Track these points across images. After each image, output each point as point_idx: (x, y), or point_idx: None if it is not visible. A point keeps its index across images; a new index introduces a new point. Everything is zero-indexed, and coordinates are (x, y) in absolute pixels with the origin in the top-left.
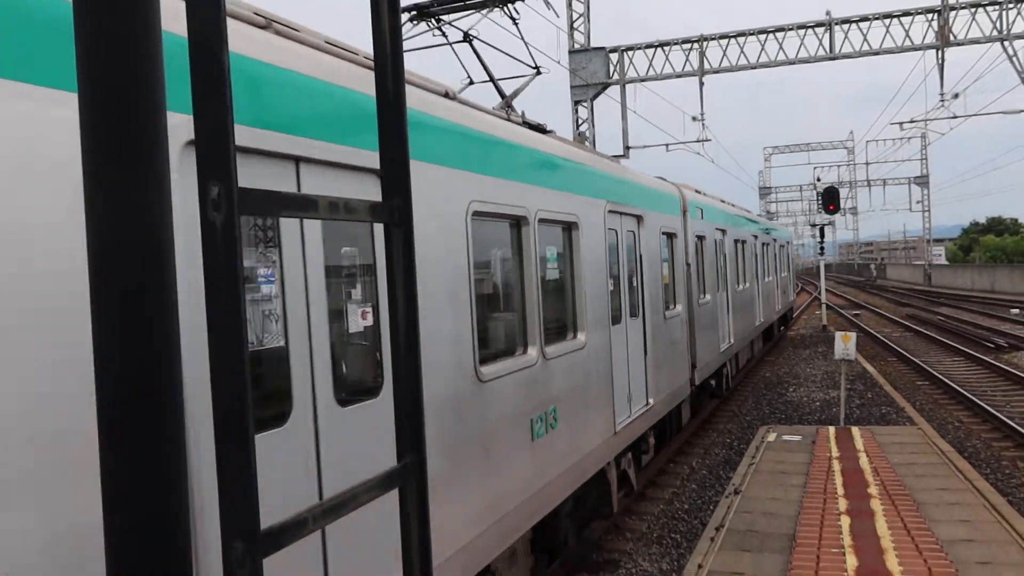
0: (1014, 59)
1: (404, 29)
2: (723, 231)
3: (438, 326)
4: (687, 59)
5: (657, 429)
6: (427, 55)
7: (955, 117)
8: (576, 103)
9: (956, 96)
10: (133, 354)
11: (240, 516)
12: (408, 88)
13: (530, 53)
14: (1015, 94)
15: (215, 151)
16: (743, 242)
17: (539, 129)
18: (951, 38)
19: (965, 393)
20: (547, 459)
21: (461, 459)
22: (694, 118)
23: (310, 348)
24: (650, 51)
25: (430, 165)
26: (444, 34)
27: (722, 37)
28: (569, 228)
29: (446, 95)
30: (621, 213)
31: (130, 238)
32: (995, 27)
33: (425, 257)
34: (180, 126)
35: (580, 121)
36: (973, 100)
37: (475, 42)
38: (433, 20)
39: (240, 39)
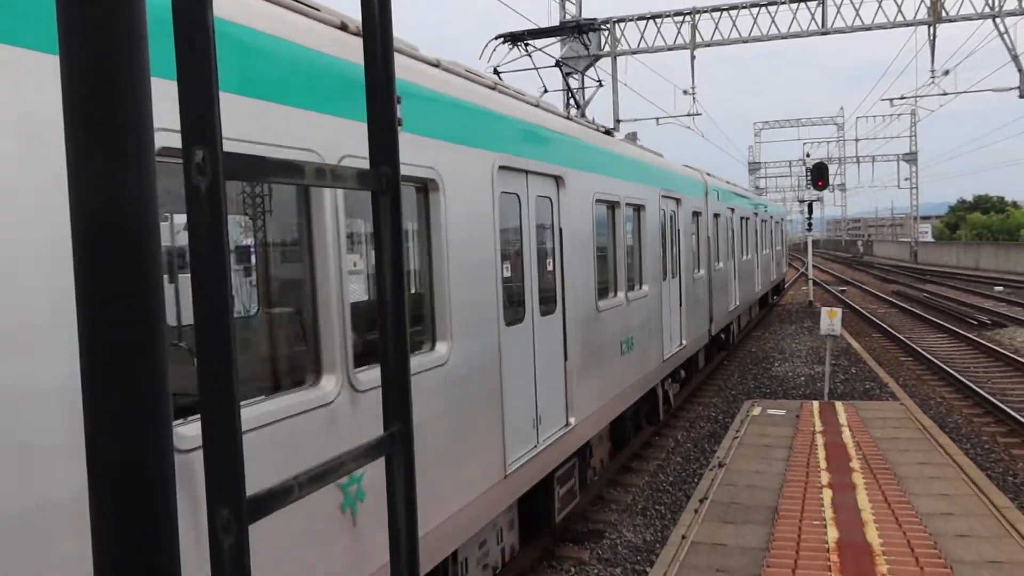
0: (1005, 36)
1: (500, 53)
2: (732, 209)
3: (580, 273)
4: (679, 32)
5: (685, 366)
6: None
7: (945, 94)
8: (566, 75)
9: (947, 73)
10: (119, 341)
11: (226, 482)
12: (564, 122)
13: (596, 72)
14: (1005, 72)
15: (199, 115)
16: (746, 219)
17: (607, 132)
18: (943, 14)
19: (948, 369)
20: (627, 371)
21: (587, 359)
22: (685, 91)
23: (532, 283)
24: (642, 23)
25: (579, 171)
26: (530, 55)
27: (715, 10)
28: (639, 209)
29: (568, 117)
30: (668, 197)
31: (115, 221)
32: (987, 4)
33: (575, 230)
34: (495, 156)
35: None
36: (963, 77)
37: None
38: (522, 46)
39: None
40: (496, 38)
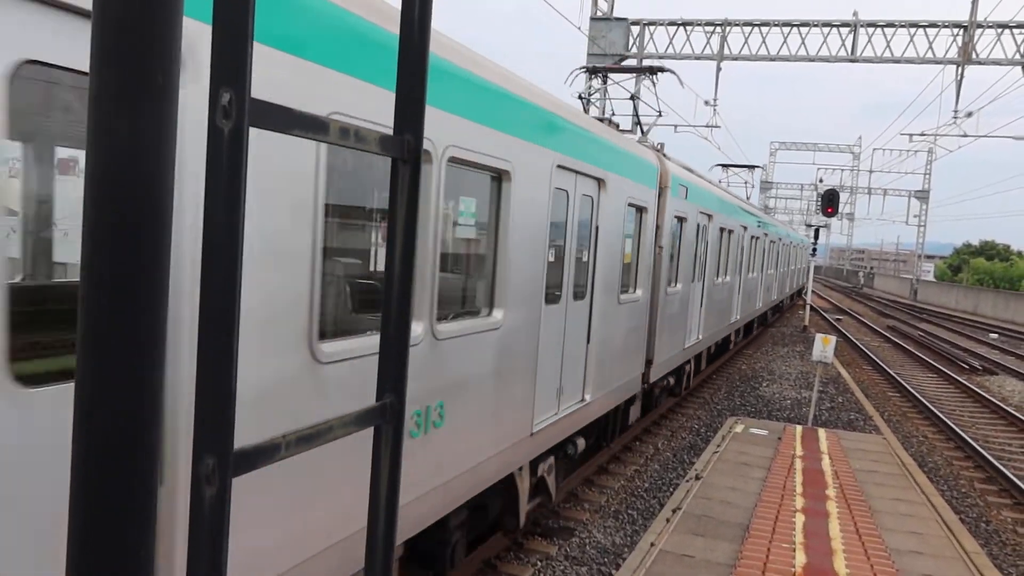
0: None
1: (581, 82)
2: (790, 241)
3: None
4: (708, 42)
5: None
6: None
7: (965, 136)
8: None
9: (970, 115)
10: (120, 283)
11: (215, 432)
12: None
13: (658, 103)
14: None
15: (230, 55)
16: (794, 245)
17: (660, 149)
18: (973, 56)
19: (934, 409)
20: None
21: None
22: (706, 102)
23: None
24: (671, 28)
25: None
26: (606, 88)
27: (746, 24)
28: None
29: (615, 125)
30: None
31: (131, 169)
32: (1018, 50)
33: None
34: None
35: (593, 91)
36: (985, 122)
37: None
38: (601, 77)
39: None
40: (580, 68)
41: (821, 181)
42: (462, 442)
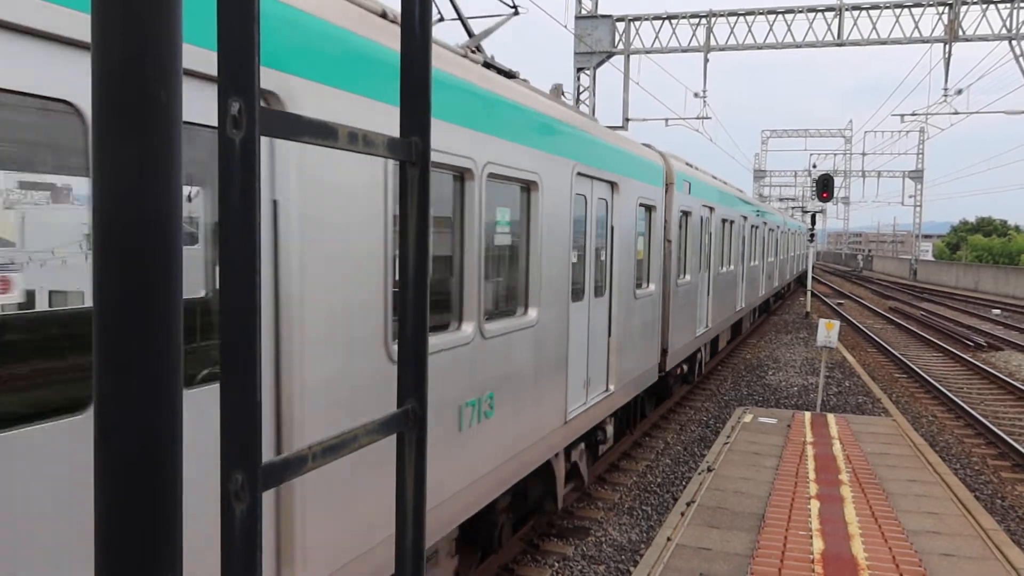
0: (1020, 59)
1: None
2: (793, 230)
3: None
4: (694, 34)
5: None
6: None
7: (956, 113)
8: (579, 70)
9: (959, 92)
10: (134, 325)
11: (242, 447)
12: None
13: None
14: (1018, 94)
15: (238, 65)
16: (799, 233)
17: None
18: (960, 33)
19: (942, 388)
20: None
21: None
22: (696, 94)
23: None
24: (657, 23)
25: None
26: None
27: (731, 14)
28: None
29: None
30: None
31: (138, 188)
32: (1004, 25)
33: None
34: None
35: (581, 89)
36: (975, 99)
37: None
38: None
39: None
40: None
41: (815, 167)
42: None
